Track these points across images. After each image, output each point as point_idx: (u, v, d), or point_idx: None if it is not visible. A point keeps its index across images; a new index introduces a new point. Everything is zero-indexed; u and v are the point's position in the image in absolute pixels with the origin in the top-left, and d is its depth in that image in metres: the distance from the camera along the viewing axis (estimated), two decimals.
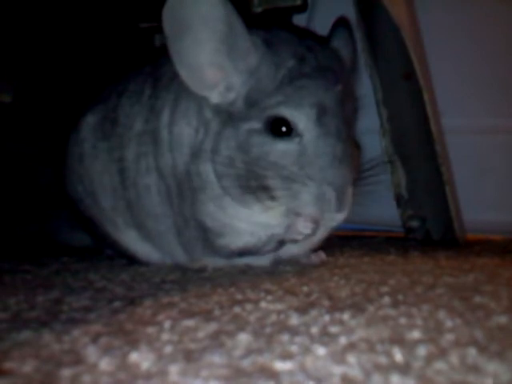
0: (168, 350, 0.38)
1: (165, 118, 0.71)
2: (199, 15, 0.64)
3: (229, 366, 0.35)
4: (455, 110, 1.04)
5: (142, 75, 0.77)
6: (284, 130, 0.64)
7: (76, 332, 0.42)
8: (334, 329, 0.43)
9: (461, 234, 0.99)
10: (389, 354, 0.37)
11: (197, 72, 0.66)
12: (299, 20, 1.09)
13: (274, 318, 0.46)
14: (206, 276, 0.68)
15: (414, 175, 1.00)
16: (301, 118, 0.63)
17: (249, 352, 0.37)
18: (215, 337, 0.41)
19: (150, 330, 0.43)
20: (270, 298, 0.53)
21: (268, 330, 0.43)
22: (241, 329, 0.43)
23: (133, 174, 0.74)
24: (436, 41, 1.04)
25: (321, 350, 0.38)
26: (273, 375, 0.34)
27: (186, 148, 0.69)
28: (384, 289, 0.57)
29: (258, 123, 0.64)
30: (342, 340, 0.40)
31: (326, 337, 0.41)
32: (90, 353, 0.38)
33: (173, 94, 0.71)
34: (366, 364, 0.35)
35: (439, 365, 0.35)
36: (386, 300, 0.52)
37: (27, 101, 1.01)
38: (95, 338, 0.41)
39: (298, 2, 1.02)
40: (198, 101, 0.69)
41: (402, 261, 0.78)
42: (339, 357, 0.36)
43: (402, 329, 0.43)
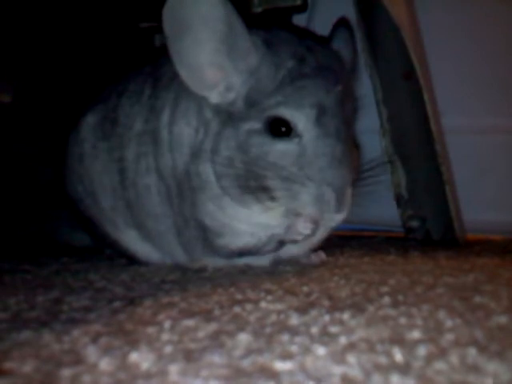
0: (168, 349, 0.38)
1: (165, 117, 0.71)
2: (199, 15, 0.64)
3: (229, 366, 0.35)
4: (455, 110, 1.04)
5: (142, 75, 0.77)
6: (283, 130, 0.64)
7: (76, 332, 0.43)
8: (333, 329, 0.43)
9: (461, 234, 0.99)
10: (389, 354, 0.37)
11: (197, 72, 0.66)
12: (299, 20, 1.09)
13: (274, 317, 0.46)
14: (206, 276, 0.68)
15: (413, 175, 1.00)
16: (300, 119, 0.63)
17: (249, 352, 0.37)
18: (215, 337, 0.41)
19: (150, 329, 0.43)
20: (270, 297, 0.53)
21: (268, 329, 0.43)
22: (241, 329, 0.43)
23: (133, 174, 0.74)
24: (436, 41, 1.04)
25: (321, 350, 0.38)
26: (273, 375, 0.34)
27: (185, 148, 0.69)
28: (384, 289, 0.57)
29: (257, 123, 0.64)
30: (342, 340, 0.40)
31: (325, 337, 0.41)
32: (90, 353, 0.38)
33: (173, 93, 0.72)
34: (366, 364, 0.35)
35: (439, 365, 0.35)
36: (386, 300, 0.52)
37: (27, 101, 1.01)
38: (95, 338, 0.41)
39: (298, 2, 1.02)
40: (197, 101, 0.69)
41: (402, 261, 0.78)
42: (339, 357, 0.36)
43: (402, 329, 0.43)
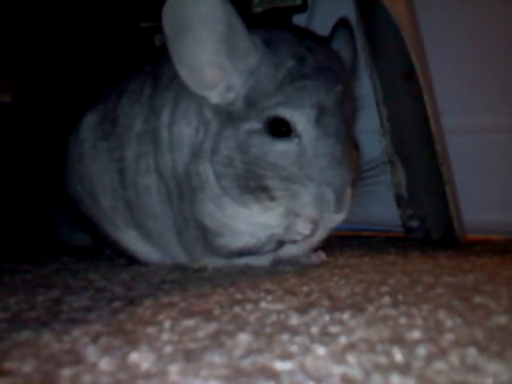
0: (168, 349, 0.38)
1: (165, 117, 0.71)
2: (199, 15, 0.64)
3: (229, 366, 0.35)
4: (455, 110, 1.04)
5: (142, 75, 0.77)
6: (283, 130, 0.64)
7: (76, 332, 0.42)
8: (333, 329, 0.43)
9: (461, 234, 0.99)
10: (389, 354, 0.37)
11: (197, 72, 0.66)
12: (299, 20, 1.09)
13: (273, 317, 0.46)
14: (206, 276, 0.68)
15: (413, 175, 1.00)
16: (300, 119, 0.63)
17: (249, 352, 0.37)
18: (215, 337, 0.41)
19: (150, 329, 0.43)
20: (269, 297, 0.53)
21: (268, 329, 0.43)
22: (241, 329, 0.43)
23: (133, 174, 0.74)
24: (436, 41, 1.04)
25: (321, 350, 0.38)
26: (273, 375, 0.34)
27: (185, 148, 0.69)
28: (384, 289, 0.57)
29: (257, 123, 0.64)
30: (342, 340, 0.40)
31: (325, 337, 0.41)
32: (90, 353, 0.38)
33: (173, 93, 0.71)
34: (365, 364, 0.35)
35: (439, 365, 0.35)
36: (386, 300, 0.52)
37: (27, 101, 1.01)
38: (95, 338, 0.41)
39: (298, 2, 1.02)
40: (197, 101, 0.69)
41: (402, 261, 0.78)
42: (339, 357, 0.36)
43: (401, 329, 0.43)
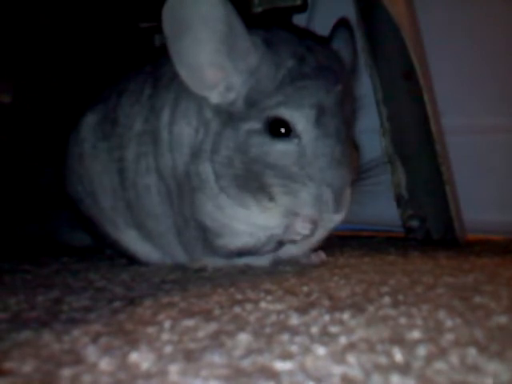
0: (168, 349, 0.38)
1: (165, 117, 0.71)
2: (199, 15, 0.63)
3: (229, 366, 0.35)
4: (455, 110, 1.04)
5: (142, 75, 0.77)
6: (283, 130, 0.64)
7: (76, 332, 0.42)
8: (334, 329, 0.43)
9: (461, 234, 0.99)
10: (389, 354, 0.37)
11: (197, 72, 0.66)
12: (299, 20, 1.09)
13: (273, 317, 0.46)
14: (206, 276, 0.68)
15: (414, 175, 1.00)
16: (300, 119, 0.63)
17: (249, 352, 0.37)
18: (215, 337, 0.41)
19: (150, 329, 0.43)
20: (269, 298, 0.53)
21: (268, 329, 0.43)
22: (241, 329, 0.43)
23: (133, 174, 0.74)
24: (436, 41, 1.04)
25: (321, 350, 0.38)
26: (273, 375, 0.34)
27: (185, 148, 0.69)
28: (384, 289, 0.57)
29: (257, 123, 0.64)
30: (342, 340, 0.40)
31: (325, 337, 0.41)
32: (90, 353, 0.38)
33: (173, 93, 0.71)
34: (365, 364, 0.35)
35: (439, 365, 0.35)
36: (386, 300, 0.52)
37: (27, 101, 1.01)
38: (95, 338, 0.41)
39: (298, 2, 1.02)
40: (198, 101, 0.69)
41: (402, 261, 0.78)
42: (339, 357, 0.36)
43: (402, 329, 0.43)
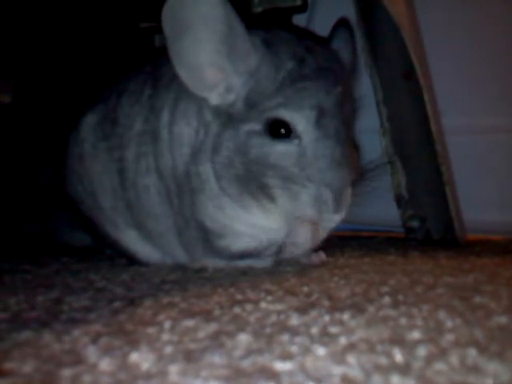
0: (168, 350, 0.38)
1: (164, 118, 0.71)
2: (199, 15, 0.63)
3: (229, 367, 0.35)
4: (455, 110, 1.04)
5: (142, 75, 0.77)
6: (283, 131, 0.64)
7: (76, 332, 0.42)
8: (334, 329, 0.43)
9: (461, 234, 0.99)
10: (389, 355, 0.37)
11: (196, 73, 0.66)
12: (299, 20, 1.09)
13: (274, 318, 0.46)
14: (207, 276, 0.68)
15: (414, 175, 1.00)
16: (300, 121, 0.63)
17: (249, 352, 0.37)
18: (215, 337, 0.41)
19: (150, 330, 0.43)
20: (270, 298, 0.53)
21: (268, 330, 0.43)
22: (241, 329, 0.43)
23: (133, 174, 0.74)
24: (436, 41, 1.04)
25: (321, 351, 0.38)
26: (273, 375, 0.34)
27: (185, 148, 0.69)
28: (384, 289, 0.57)
29: (257, 125, 0.64)
30: (342, 340, 0.40)
31: (326, 337, 0.41)
32: (90, 353, 0.38)
33: (172, 94, 0.71)
34: (366, 364, 0.35)
35: (439, 365, 0.35)
36: (386, 300, 0.52)
37: (27, 101, 1.01)
38: (95, 338, 0.41)
39: (298, 3, 1.02)
40: (197, 101, 0.69)
41: (402, 261, 0.78)
42: (339, 357, 0.36)
43: (402, 329, 0.43)
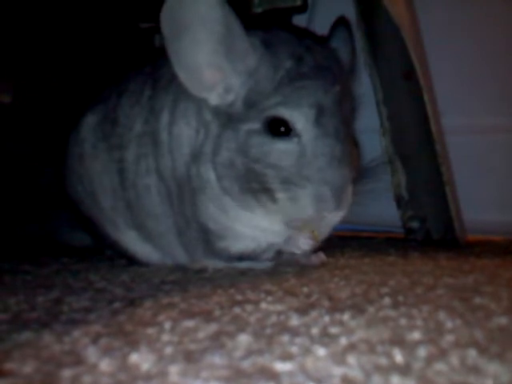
0: (168, 350, 0.38)
1: (164, 118, 0.71)
2: (197, 16, 0.63)
3: (229, 367, 0.35)
4: (455, 110, 1.04)
5: (141, 75, 0.77)
6: (283, 130, 0.64)
7: (76, 333, 0.42)
8: (334, 330, 0.43)
9: (461, 235, 0.99)
10: (389, 355, 0.37)
11: (195, 73, 0.66)
12: (299, 20, 1.09)
13: (274, 318, 0.46)
14: (207, 277, 0.68)
15: (414, 175, 1.00)
16: (299, 119, 0.63)
17: (249, 353, 0.37)
18: (215, 338, 0.41)
19: (150, 330, 0.43)
20: (270, 298, 0.53)
21: (268, 330, 0.43)
22: (241, 330, 0.43)
23: (133, 175, 0.74)
24: (436, 41, 1.04)
25: (321, 351, 0.38)
26: (273, 376, 0.34)
27: (185, 149, 0.69)
28: (384, 290, 0.57)
29: (256, 124, 0.64)
30: (343, 341, 0.40)
31: (326, 338, 0.41)
32: (90, 353, 0.38)
33: (172, 94, 0.71)
34: (366, 365, 0.35)
35: (439, 366, 0.35)
36: (387, 301, 0.52)
37: (27, 101, 1.01)
38: (95, 339, 0.41)
39: (298, 3, 1.02)
40: (197, 102, 0.69)
41: (402, 261, 0.78)
42: (339, 358, 0.36)
43: (402, 330, 0.43)
